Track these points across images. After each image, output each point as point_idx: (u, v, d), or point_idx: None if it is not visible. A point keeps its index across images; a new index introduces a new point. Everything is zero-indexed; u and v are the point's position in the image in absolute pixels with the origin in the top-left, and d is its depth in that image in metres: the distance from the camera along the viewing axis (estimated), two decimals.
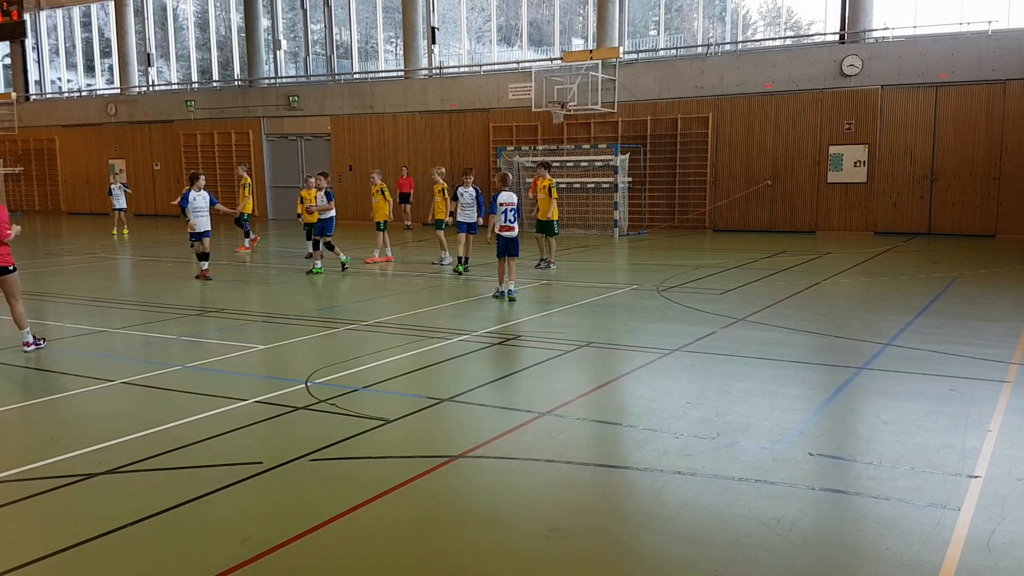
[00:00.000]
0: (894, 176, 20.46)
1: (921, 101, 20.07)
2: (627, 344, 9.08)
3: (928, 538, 4.26)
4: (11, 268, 8.80)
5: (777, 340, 8.96)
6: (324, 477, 5.25)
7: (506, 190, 11.95)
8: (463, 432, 6.12)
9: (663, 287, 12.63)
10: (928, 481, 5.00)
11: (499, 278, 11.92)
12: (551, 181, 14.62)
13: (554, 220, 14.72)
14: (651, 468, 5.28)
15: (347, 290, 13.42)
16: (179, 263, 17.38)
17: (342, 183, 27.97)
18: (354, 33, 29.45)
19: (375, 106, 27.11)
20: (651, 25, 25.58)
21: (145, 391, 7.33)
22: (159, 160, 31.71)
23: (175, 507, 4.74)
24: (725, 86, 22.08)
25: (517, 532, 4.46)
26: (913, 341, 8.73)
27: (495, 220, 11.79)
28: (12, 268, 8.81)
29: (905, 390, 7.03)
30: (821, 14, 22.64)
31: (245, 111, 29.53)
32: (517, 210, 11.86)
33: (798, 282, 13.00)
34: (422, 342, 9.10)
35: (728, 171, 22.27)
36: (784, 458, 5.41)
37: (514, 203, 11.83)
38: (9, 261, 8.78)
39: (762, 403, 6.68)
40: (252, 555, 4.16)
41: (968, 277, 13.32)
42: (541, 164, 15.07)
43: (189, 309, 11.49)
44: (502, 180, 12.26)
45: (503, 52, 27.20)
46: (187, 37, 33.25)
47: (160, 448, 5.72)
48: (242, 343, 9.19)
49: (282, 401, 6.81)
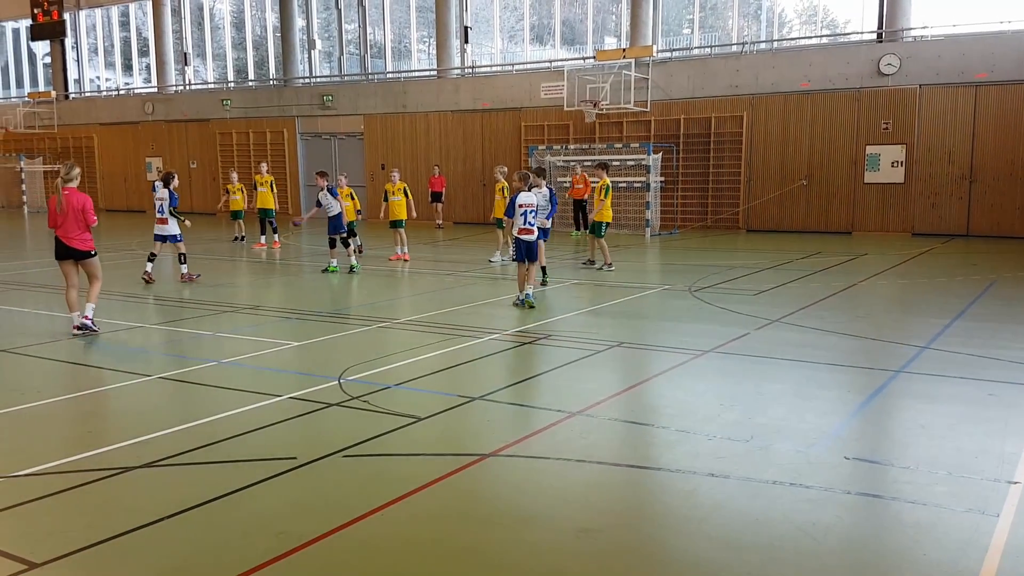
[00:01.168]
0: (932, 177, 20.14)
1: (960, 101, 19.73)
2: (659, 344, 9.03)
3: (966, 544, 4.19)
4: (93, 252, 9.65)
5: (812, 342, 8.86)
6: (357, 473, 5.28)
7: (525, 191, 11.03)
8: (494, 430, 6.12)
9: (695, 287, 12.55)
10: (966, 486, 4.91)
11: (520, 284, 11.06)
12: (607, 182, 14.47)
13: (604, 222, 14.53)
14: (683, 470, 5.24)
15: (379, 288, 13.49)
16: (213, 259, 17.59)
17: (374, 182, 28.12)
18: (388, 33, 29.60)
19: (408, 105, 27.22)
20: (685, 23, 25.42)
21: (181, 386, 7.43)
22: (195, 158, 32.10)
23: (211, 501, 4.80)
24: (760, 85, 21.88)
25: (548, 531, 4.45)
26: (951, 344, 8.59)
27: (515, 223, 11.00)
28: (94, 252, 9.67)
29: (943, 394, 6.92)
30: (858, 13, 22.34)
31: (280, 110, 29.81)
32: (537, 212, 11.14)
33: (833, 283, 12.84)
34: (453, 340, 9.13)
35: (762, 170, 22.06)
36: (819, 462, 5.35)
37: (534, 204, 11.00)
38: (91, 246, 9.64)
39: (796, 406, 6.61)
40: (286, 549, 4.19)
41: (1007, 280, 13.08)
42: (599, 165, 14.90)
43: (223, 306, 11.62)
44: (522, 180, 11.23)
45: (535, 51, 27.18)
46: (223, 36, 33.63)
47: (196, 443, 5.79)
48: (276, 339, 9.27)
49: (315, 397, 6.87)
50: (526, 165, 24.04)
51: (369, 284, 13.90)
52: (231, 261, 17.78)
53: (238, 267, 16.95)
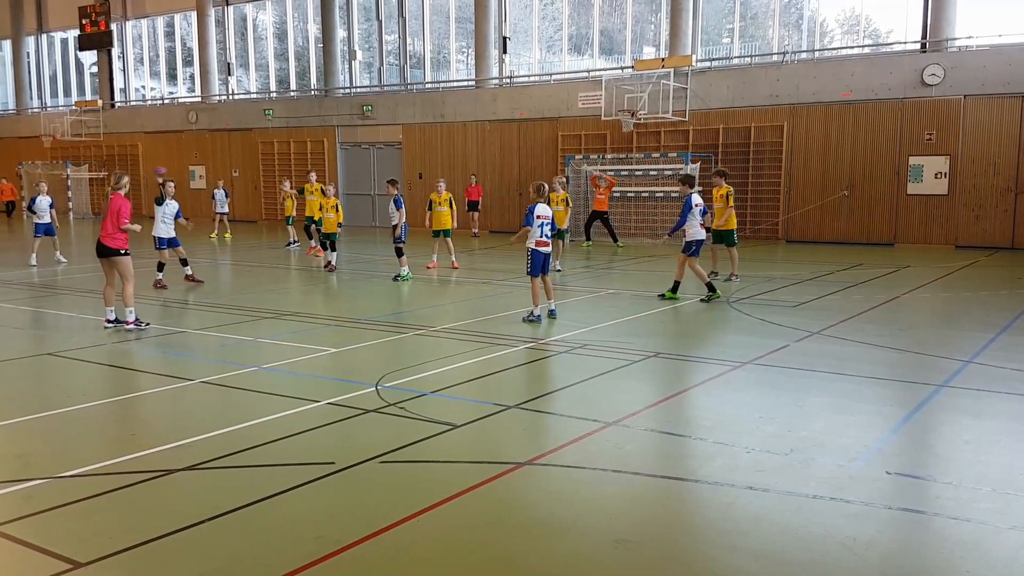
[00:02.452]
0: (976, 188, 19.78)
1: (1006, 111, 19.37)
2: (696, 355, 8.97)
3: (1011, 562, 4.10)
4: (122, 251, 10.07)
5: (853, 355, 8.74)
6: (393, 479, 5.31)
7: (541, 202, 10.76)
8: (529, 439, 6.13)
9: (734, 298, 12.44)
10: (1011, 503, 4.81)
11: (535, 299, 10.73)
12: (728, 189, 14.20)
13: (732, 229, 14.21)
14: (722, 482, 5.20)
15: (416, 296, 13.56)
16: (256, 267, 17.83)
17: (412, 191, 28.30)
18: (427, 43, 29.83)
19: (446, 115, 27.39)
20: (725, 33, 25.27)
21: (222, 391, 7.54)
22: (238, 167, 32.58)
23: (251, 504, 4.86)
24: (801, 94, 21.67)
25: (584, 541, 4.44)
26: (996, 359, 8.42)
27: (531, 233, 10.62)
28: (123, 251, 10.08)
29: (987, 409, 6.79)
30: (901, 22, 22.06)
31: (321, 120, 30.15)
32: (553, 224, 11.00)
33: (875, 296, 12.66)
34: (489, 348, 9.15)
35: (803, 181, 21.84)
36: (861, 476, 5.27)
37: (550, 216, 10.79)
38: (121, 245, 10.06)
39: (837, 419, 6.52)
40: (325, 553, 4.23)
41: None
42: (717, 173, 14.55)
43: (263, 312, 11.77)
44: (537, 191, 10.90)
45: (573, 61, 27.21)
46: (266, 47, 34.14)
47: (236, 446, 5.87)
48: (314, 346, 9.37)
49: (353, 404, 6.92)
50: (563, 175, 24.07)
51: (406, 292, 13.98)
52: (270, 268, 18.00)
53: (276, 273, 17.14)
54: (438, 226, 16.46)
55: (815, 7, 23.84)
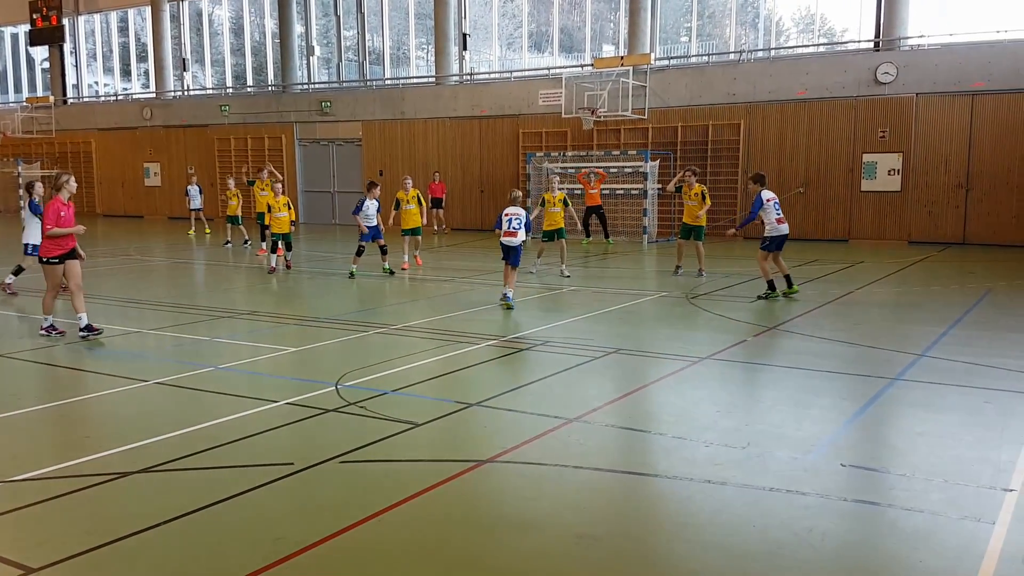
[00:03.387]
0: (928, 185, 20.20)
1: (957, 109, 19.80)
2: (656, 351, 9.05)
3: (963, 552, 4.20)
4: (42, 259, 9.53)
5: (809, 350, 8.88)
6: (354, 479, 5.29)
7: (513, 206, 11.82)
8: (491, 437, 6.13)
9: (692, 294, 12.57)
10: (962, 494, 4.93)
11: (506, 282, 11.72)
12: (702, 188, 14.81)
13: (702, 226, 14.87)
14: (681, 476, 5.25)
15: (376, 294, 13.49)
16: (213, 265, 17.60)
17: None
18: (386, 39, 29.65)
19: (406, 112, 27.27)
20: (683, 31, 25.49)
21: (178, 391, 7.43)
22: (193, 164, 32.11)
23: (208, 506, 4.80)
24: (757, 93, 21.94)
25: (546, 537, 4.46)
26: (947, 352, 8.61)
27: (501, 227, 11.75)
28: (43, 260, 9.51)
29: (939, 402, 6.94)
30: (855, 21, 22.43)
31: (278, 116, 29.83)
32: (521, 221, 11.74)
33: (830, 291, 12.87)
34: (450, 346, 9.14)
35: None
36: (816, 469, 5.36)
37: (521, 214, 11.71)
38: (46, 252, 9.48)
39: (793, 413, 6.62)
40: (284, 555, 4.20)
41: (1003, 288, 13.11)
42: (689, 171, 14.95)
43: (220, 311, 11.62)
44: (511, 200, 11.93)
45: (534, 58, 27.24)
46: (222, 43, 33.67)
47: (193, 448, 5.79)
48: (273, 345, 9.28)
49: (312, 403, 6.87)
50: (523, 173, 24.12)
51: (366, 290, 13.90)
52: (225, 266, 17.78)
53: (232, 272, 16.94)
54: (407, 225, 16.11)
55: (771, 6, 24.15)
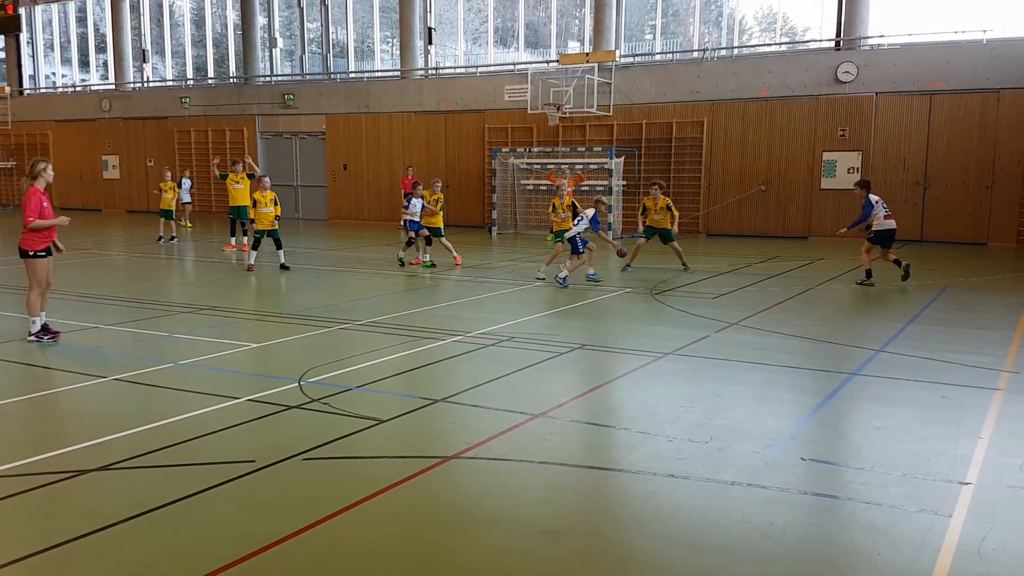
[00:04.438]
0: (887, 183, 20.52)
1: (915, 109, 20.16)
2: (621, 347, 9.10)
3: (920, 544, 4.28)
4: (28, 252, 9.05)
5: (770, 345, 8.99)
6: (318, 476, 5.25)
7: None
8: (457, 433, 6.12)
9: (656, 290, 12.66)
10: (920, 487, 5.02)
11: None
12: (668, 200, 15.02)
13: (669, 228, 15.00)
14: (644, 471, 5.29)
15: (342, 289, 13.40)
16: (175, 259, 17.35)
17: (336, 182, 27.95)
18: (350, 32, 29.42)
19: (371, 105, 27.09)
20: (647, 29, 25.62)
21: (137, 388, 7.31)
22: (152, 156, 31.62)
23: (169, 504, 4.73)
24: (720, 91, 22.14)
25: (511, 533, 4.46)
26: (905, 348, 8.77)
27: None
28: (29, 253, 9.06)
29: (897, 396, 7.06)
30: (817, 21, 22.73)
31: (240, 109, 29.47)
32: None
33: (791, 287, 13.04)
34: (416, 342, 9.10)
35: (722, 176, 22.33)
36: (776, 463, 5.43)
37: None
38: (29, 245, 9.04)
39: (755, 408, 6.70)
40: (246, 552, 4.15)
41: (960, 285, 13.39)
42: (655, 185, 15.19)
43: (181, 306, 11.46)
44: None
45: (499, 53, 27.21)
46: (183, 34, 33.16)
47: (153, 445, 5.71)
48: (234, 341, 9.17)
49: (275, 400, 6.80)
50: (489, 168, 24.10)
51: (331, 285, 13.80)
52: (188, 261, 17.55)
53: (197, 267, 16.72)
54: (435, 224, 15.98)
55: (734, 5, 24.37)
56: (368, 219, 27.30)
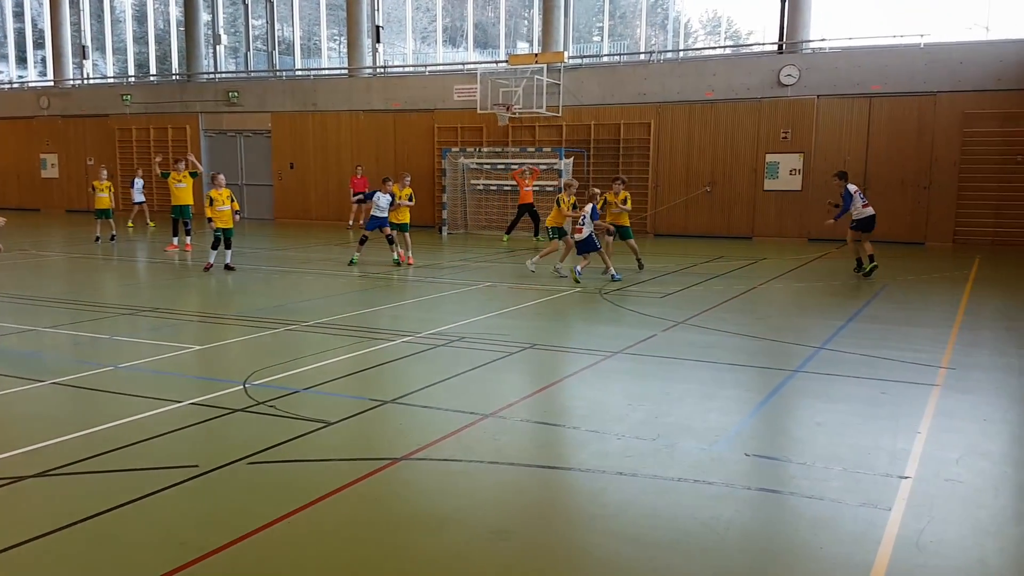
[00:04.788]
0: (828, 185, 20.83)
1: (855, 111, 20.63)
2: (570, 346, 9.14)
3: (861, 537, 4.38)
4: None
5: (715, 343, 9.12)
6: (263, 481, 5.17)
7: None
8: (406, 434, 6.08)
9: (605, 290, 12.75)
10: (860, 481, 5.14)
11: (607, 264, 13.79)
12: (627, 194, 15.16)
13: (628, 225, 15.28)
14: (593, 469, 5.32)
15: (287, 290, 13.22)
16: (113, 260, 16.95)
17: (282, 181, 27.60)
18: (296, 29, 29.08)
19: (318, 104, 26.80)
20: (595, 31, 25.80)
21: (76, 392, 7.12)
22: (93, 155, 30.84)
23: (109, 510, 4.62)
24: (667, 93, 22.39)
25: (461, 534, 4.45)
26: (845, 345, 8.96)
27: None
28: None
29: (838, 393, 7.22)
30: (760, 24, 23.16)
31: (183, 106, 28.91)
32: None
33: (735, 286, 13.25)
34: (365, 343, 9.03)
35: (669, 177, 22.58)
36: (722, 458, 5.51)
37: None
38: None
39: (701, 405, 6.79)
40: (189, 559, 4.07)
41: (898, 283, 13.74)
42: (617, 180, 15.33)
43: (121, 308, 11.20)
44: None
45: (448, 53, 27.15)
46: (124, 30, 32.42)
47: (93, 450, 5.56)
48: (176, 343, 8.99)
49: (218, 403, 6.69)
50: (439, 167, 24.03)
51: (277, 286, 13.62)
52: (130, 262, 17.16)
53: (139, 268, 16.36)
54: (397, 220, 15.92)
55: (680, 8, 24.68)
56: (316, 219, 27.01)
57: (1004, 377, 7.81)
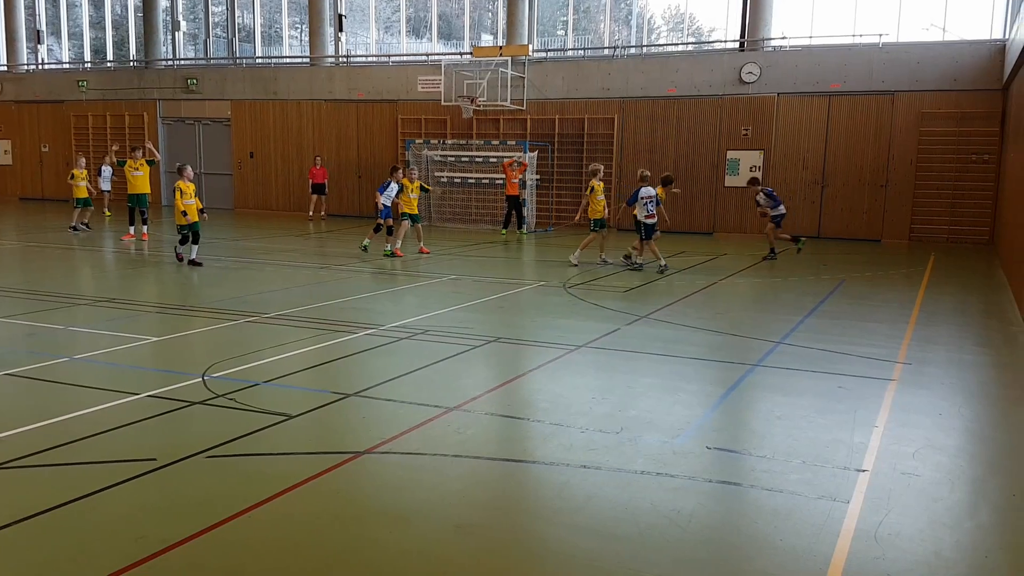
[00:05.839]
0: (787, 181, 21.24)
1: (815, 109, 20.90)
2: (534, 340, 9.16)
3: (819, 530, 4.45)
4: None
5: (677, 337, 9.20)
6: (222, 474, 5.10)
7: (646, 185, 14.31)
8: (369, 427, 6.05)
9: (569, 284, 12.79)
10: (819, 474, 5.22)
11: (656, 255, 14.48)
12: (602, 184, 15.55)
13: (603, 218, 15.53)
14: (557, 462, 5.34)
15: (248, 281, 13.05)
16: (69, 250, 16.59)
17: (242, 170, 27.23)
18: (257, 17, 28.68)
19: (279, 92, 26.46)
20: (559, 25, 25.82)
21: (30, 383, 6.96)
22: (48, 142, 30.14)
23: (65, 504, 4.53)
24: (630, 89, 22.48)
25: (424, 528, 4.43)
26: (804, 340, 9.09)
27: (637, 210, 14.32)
28: None
29: (797, 387, 7.32)
30: (722, 22, 23.32)
31: (140, 93, 28.37)
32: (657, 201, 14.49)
33: (696, 281, 13.36)
34: (327, 335, 8.95)
35: (632, 172, 22.64)
36: (684, 452, 5.56)
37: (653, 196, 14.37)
38: None
39: (664, 398, 6.85)
40: (147, 554, 4.01)
41: (855, 279, 13.96)
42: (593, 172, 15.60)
43: (77, 298, 10.97)
44: (641, 178, 14.52)
45: (412, 44, 26.96)
46: (80, 15, 31.69)
47: (48, 443, 5.44)
48: (135, 334, 8.83)
49: (177, 395, 6.58)
50: (403, 158, 23.88)
51: (237, 277, 13.43)
52: (87, 251, 16.82)
53: (95, 257, 16.03)
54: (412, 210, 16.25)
55: (643, 4, 24.78)
56: (276, 209, 26.70)
57: (959, 372, 7.99)
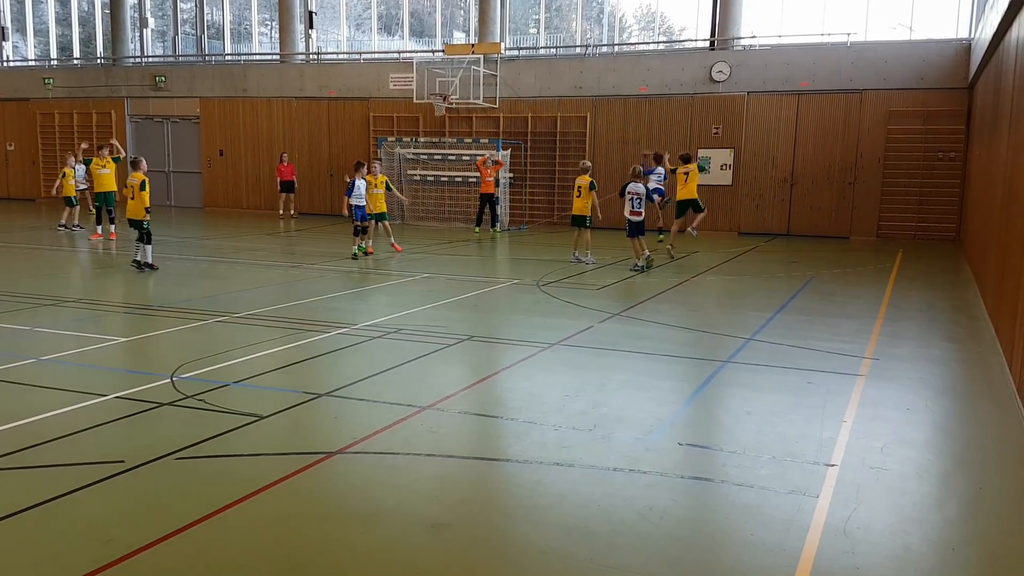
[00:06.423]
0: (757, 180, 21.42)
1: (784, 108, 21.09)
2: (508, 338, 9.15)
3: (789, 524, 4.49)
4: None
5: (649, 334, 9.24)
6: (192, 476, 5.05)
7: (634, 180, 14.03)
8: (341, 427, 6.01)
9: (543, 282, 12.80)
10: (788, 469, 5.27)
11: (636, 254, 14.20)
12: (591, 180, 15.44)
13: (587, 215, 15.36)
14: (531, 460, 5.34)
15: (217, 281, 12.92)
16: (35, 249, 16.33)
17: (211, 168, 26.96)
18: (227, 13, 28.38)
19: (248, 90, 26.22)
20: (531, 23, 25.82)
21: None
22: (12, 140, 29.64)
23: (32, 507, 4.45)
24: (602, 87, 22.54)
25: (398, 528, 4.42)
26: (773, 336, 9.18)
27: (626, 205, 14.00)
28: None
29: (766, 383, 7.39)
30: (693, 21, 23.45)
31: (108, 90, 27.97)
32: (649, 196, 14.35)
33: (668, 279, 13.44)
34: (298, 335, 8.89)
35: (604, 170, 22.74)
36: (656, 448, 5.59)
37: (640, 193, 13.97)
38: None
39: (636, 395, 6.88)
40: (115, 557, 3.95)
41: (824, 276, 14.11)
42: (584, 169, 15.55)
43: (42, 298, 10.80)
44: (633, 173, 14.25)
45: (384, 41, 26.84)
46: (46, 11, 31.17)
47: (14, 446, 5.35)
48: (102, 335, 8.71)
49: (145, 396, 6.51)
50: (375, 156, 23.76)
51: (207, 276, 13.30)
52: (53, 251, 16.56)
53: (61, 257, 15.79)
54: (378, 209, 15.96)
55: (615, 2, 24.85)
56: (246, 207, 26.47)
57: (926, 367, 8.11)
